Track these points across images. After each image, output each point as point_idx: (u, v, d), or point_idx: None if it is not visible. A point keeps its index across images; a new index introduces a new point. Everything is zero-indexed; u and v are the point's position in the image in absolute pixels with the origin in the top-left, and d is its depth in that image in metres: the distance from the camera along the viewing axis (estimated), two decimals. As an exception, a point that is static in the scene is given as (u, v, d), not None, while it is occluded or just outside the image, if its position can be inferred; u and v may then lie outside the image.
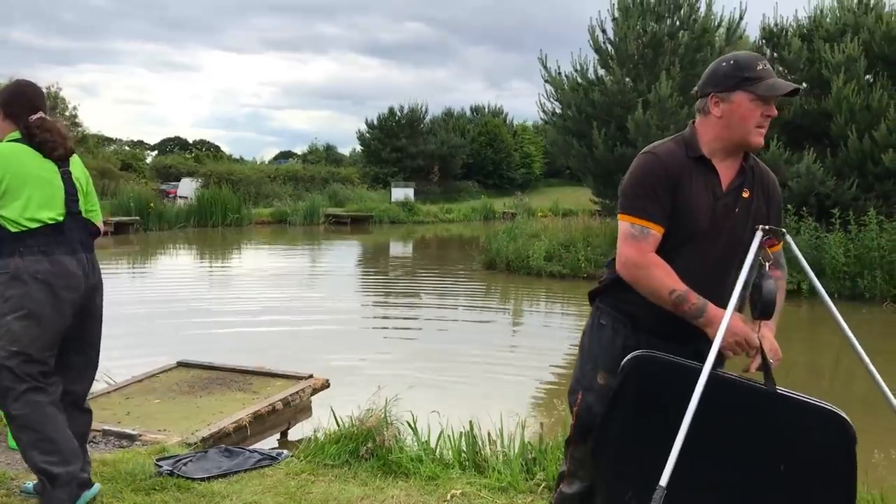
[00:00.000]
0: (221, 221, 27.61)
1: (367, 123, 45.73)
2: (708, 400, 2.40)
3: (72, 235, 3.31)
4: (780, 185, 2.67)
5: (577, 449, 2.73)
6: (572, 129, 17.21)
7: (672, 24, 16.62)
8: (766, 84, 2.38)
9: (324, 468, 4.06)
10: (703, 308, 2.35)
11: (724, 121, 2.45)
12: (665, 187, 2.41)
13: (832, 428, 2.31)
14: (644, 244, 2.40)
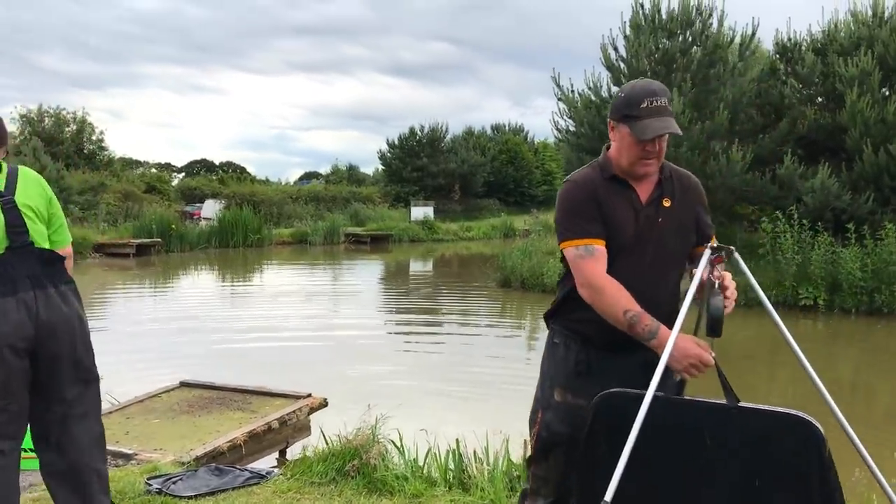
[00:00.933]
0: (242, 242, 27.89)
1: (388, 143, 46.04)
2: (673, 424, 2.46)
3: (13, 272, 2.95)
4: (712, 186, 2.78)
5: (539, 467, 2.77)
6: (585, 146, 17.22)
7: (684, 40, 16.62)
8: (640, 125, 2.43)
9: (310, 486, 4.12)
10: (656, 331, 2.40)
11: (616, 146, 2.56)
12: (591, 206, 2.51)
13: (799, 433, 2.28)
14: (593, 261, 2.47)
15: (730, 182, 15.49)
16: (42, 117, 39.94)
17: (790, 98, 16.39)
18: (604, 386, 2.50)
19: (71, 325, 3.05)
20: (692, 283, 2.49)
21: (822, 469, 2.26)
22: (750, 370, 9.95)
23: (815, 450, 2.25)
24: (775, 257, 14.50)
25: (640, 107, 2.44)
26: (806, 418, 2.28)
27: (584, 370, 2.60)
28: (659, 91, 2.47)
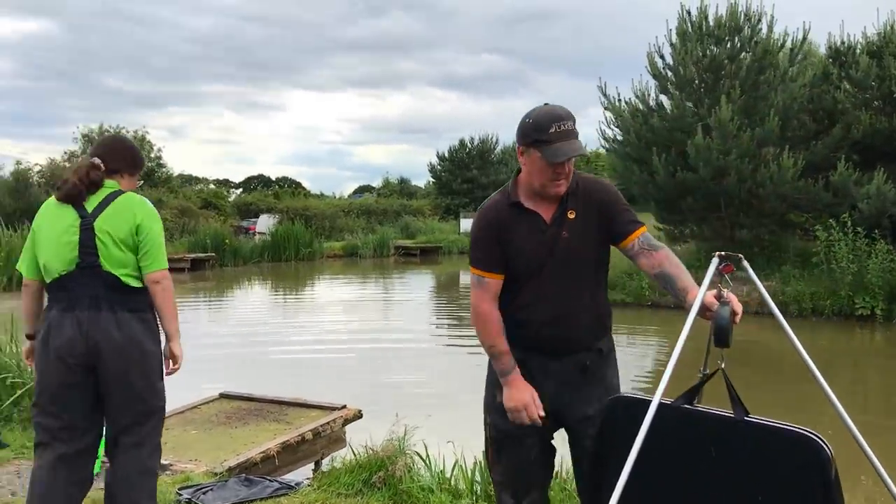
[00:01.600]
0: (294, 256, 28.28)
1: (437, 156, 46.25)
2: (679, 435, 2.44)
3: (77, 291, 3.12)
4: (618, 189, 2.80)
5: (496, 471, 2.87)
6: (632, 155, 17.06)
7: (732, 46, 16.35)
8: (551, 149, 2.53)
9: (337, 497, 4.16)
10: (508, 372, 2.65)
11: (526, 170, 2.65)
12: (492, 239, 2.67)
13: (806, 451, 2.22)
14: (482, 292, 2.68)
15: (781, 190, 15.17)
16: (103, 136, 41.15)
17: (844, 103, 15.98)
18: (540, 385, 2.69)
19: (123, 352, 3.12)
20: (698, 293, 2.46)
21: (825, 489, 2.19)
22: (794, 384, 9.69)
23: (820, 469, 2.19)
24: (829, 266, 14.14)
25: (549, 132, 2.53)
26: (812, 436, 2.22)
27: (522, 371, 2.68)
28: (565, 116, 2.57)
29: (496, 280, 2.66)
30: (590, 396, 2.71)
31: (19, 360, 5.65)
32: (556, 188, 2.61)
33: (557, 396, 2.70)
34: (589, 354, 2.72)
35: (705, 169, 15.22)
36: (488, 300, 2.66)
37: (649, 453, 2.38)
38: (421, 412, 6.01)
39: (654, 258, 2.59)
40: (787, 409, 8.47)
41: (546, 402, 2.68)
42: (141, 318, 3.20)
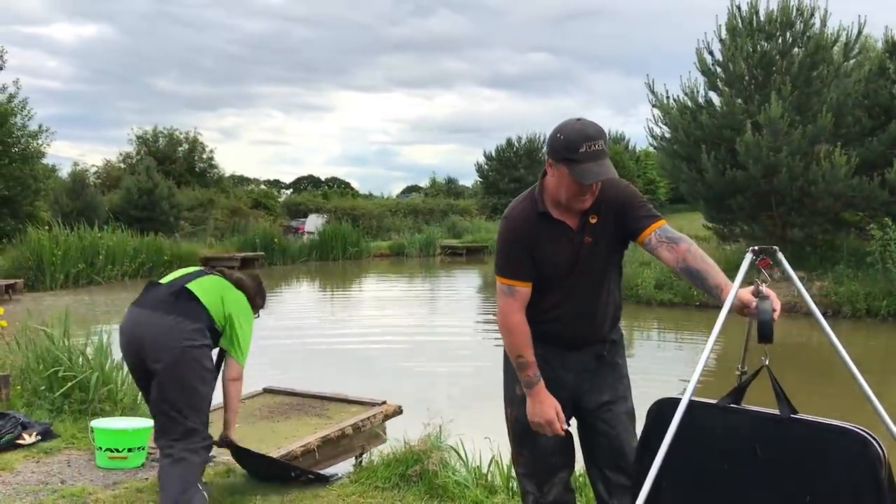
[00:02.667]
0: (342, 255, 28.54)
1: (485, 155, 46.21)
2: (724, 433, 2.41)
3: (157, 294, 3.67)
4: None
5: (520, 465, 2.92)
6: (681, 153, 16.83)
7: (784, 42, 16.03)
8: (580, 169, 2.53)
9: (374, 490, 4.20)
10: (533, 384, 2.68)
11: (555, 182, 2.66)
12: (522, 249, 2.69)
13: (853, 448, 2.17)
14: (512, 301, 2.70)
15: (834, 187, 14.80)
16: (156, 137, 42.09)
17: (901, 98, 15.56)
18: (559, 375, 2.77)
19: (163, 346, 3.47)
20: (732, 288, 2.43)
21: (876, 489, 2.13)
22: (848, 386, 9.46)
23: (870, 468, 2.13)
24: (885, 266, 13.77)
25: (580, 151, 2.52)
26: (862, 434, 2.17)
27: (540, 363, 2.72)
28: (595, 135, 2.55)
29: (526, 289, 2.70)
30: (605, 383, 2.82)
31: (70, 354, 5.82)
32: (582, 204, 2.65)
33: (576, 385, 2.80)
34: (604, 345, 2.83)
35: (755, 167, 14.94)
36: (518, 310, 2.70)
37: (695, 454, 2.41)
38: (459, 407, 6.04)
39: (677, 251, 2.56)
40: (842, 413, 8.26)
41: (565, 391, 2.78)
42: (193, 326, 3.60)
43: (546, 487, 2.86)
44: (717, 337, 2.35)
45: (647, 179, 50.77)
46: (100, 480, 4.34)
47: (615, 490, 2.80)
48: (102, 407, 5.51)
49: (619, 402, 2.83)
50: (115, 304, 16.17)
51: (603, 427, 2.80)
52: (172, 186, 30.65)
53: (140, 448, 4.62)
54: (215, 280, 3.81)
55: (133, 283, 19.77)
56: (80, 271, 18.63)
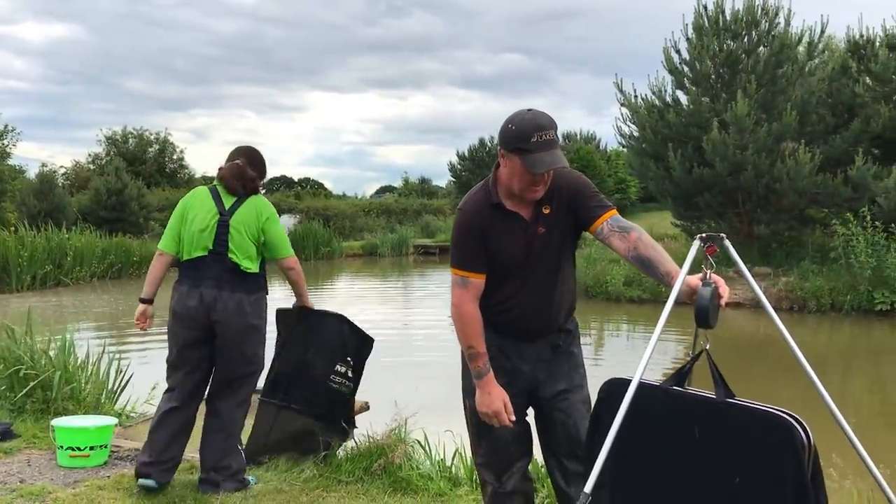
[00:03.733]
0: (314, 255, 28.44)
1: (458, 155, 46.26)
2: (667, 416, 2.46)
3: (204, 271, 3.95)
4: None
5: (479, 455, 2.93)
6: (649, 151, 17.00)
7: (750, 41, 16.25)
8: (531, 158, 2.56)
9: (337, 485, 4.21)
10: (483, 374, 2.71)
11: (507, 173, 2.69)
12: (476, 240, 2.71)
13: (780, 434, 2.22)
14: (465, 292, 2.72)
15: (799, 184, 15.04)
16: (126, 138, 41.68)
17: (863, 96, 15.84)
18: (516, 366, 2.80)
19: (232, 327, 3.94)
20: (680, 275, 2.48)
21: (798, 474, 2.18)
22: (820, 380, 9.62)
23: (793, 453, 2.18)
24: (848, 261, 14.01)
25: (531, 141, 2.55)
26: (788, 420, 2.21)
27: (496, 353, 2.77)
28: (546, 125, 2.58)
29: (479, 280, 2.72)
30: (560, 372, 2.84)
31: (33, 353, 5.76)
32: (534, 194, 2.67)
33: (532, 375, 2.82)
34: (559, 335, 2.86)
35: (722, 164, 15.14)
36: (470, 300, 2.72)
37: (639, 434, 2.45)
38: (426, 402, 6.04)
39: (628, 240, 2.60)
40: (803, 403, 8.41)
41: (521, 381, 2.81)
42: (253, 301, 4.00)
43: (504, 477, 2.88)
44: (665, 322, 2.40)
45: (617, 179, 51.05)
46: (60, 479, 4.30)
47: (572, 478, 2.82)
48: (65, 406, 5.45)
49: (575, 390, 2.86)
50: (83, 306, 16.00)
51: (559, 416, 2.83)
52: (142, 187, 30.36)
53: (102, 446, 4.59)
54: (241, 216, 4.03)
55: (101, 285, 19.57)
56: (48, 273, 18.38)
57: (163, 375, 4.17)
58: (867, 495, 3.58)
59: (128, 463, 4.63)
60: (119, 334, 12.20)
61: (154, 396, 6.08)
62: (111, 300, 17.17)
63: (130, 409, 5.99)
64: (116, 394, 6.10)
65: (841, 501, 3.55)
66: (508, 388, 2.79)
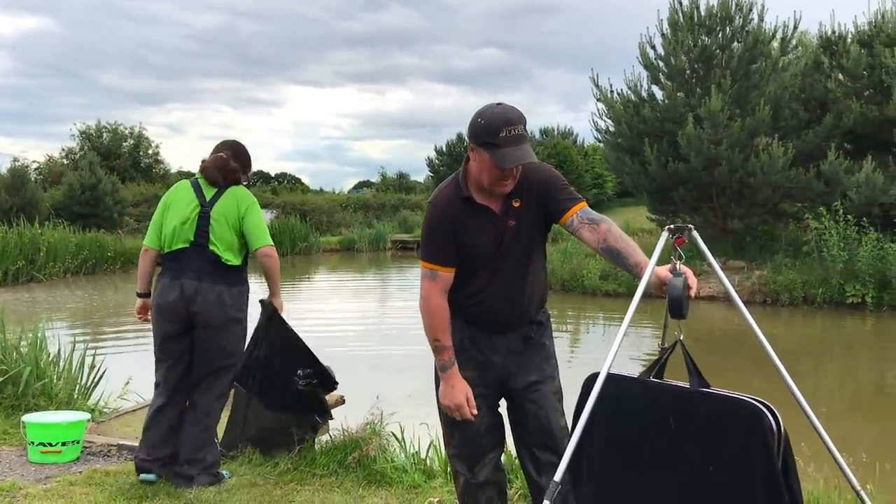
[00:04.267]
0: (290, 250, 28.31)
1: (436, 150, 46.29)
2: (643, 407, 2.49)
3: (185, 263, 3.97)
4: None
5: (450, 445, 2.96)
6: (624, 146, 17.11)
7: (724, 36, 16.39)
8: (500, 153, 2.56)
9: (312, 478, 4.20)
10: (448, 367, 2.73)
11: (477, 167, 2.69)
12: (446, 234, 2.72)
13: (749, 420, 2.25)
14: (434, 285, 2.73)
15: (772, 179, 15.20)
16: (100, 133, 41.25)
17: (835, 92, 16.02)
18: (488, 358, 2.82)
19: (212, 320, 3.94)
20: (649, 265, 2.51)
21: (767, 459, 2.21)
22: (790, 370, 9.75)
23: (761, 438, 2.21)
24: (820, 255, 14.19)
25: (500, 136, 2.55)
26: (758, 406, 2.24)
27: (468, 345, 2.80)
28: (516, 119, 2.58)
29: (448, 274, 2.73)
30: (532, 364, 2.85)
31: (4, 349, 5.70)
32: (503, 188, 2.68)
33: (503, 366, 2.83)
34: (531, 327, 2.86)
35: (696, 159, 15.26)
36: (438, 293, 2.72)
37: (620, 428, 2.50)
38: (402, 396, 6.06)
39: (598, 232, 2.61)
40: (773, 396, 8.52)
41: (493, 373, 2.83)
42: (234, 294, 4.01)
43: (477, 468, 2.90)
44: (635, 312, 2.42)
45: (594, 174, 51.30)
46: (31, 475, 4.27)
47: (544, 469, 2.84)
48: (37, 402, 5.40)
49: (546, 381, 2.87)
50: (56, 301, 15.83)
51: (531, 407, 2.84)
52: (116, 182, 30.06)
53: (74, 442, 4.55)
54: (221, 207, 4.04)
55: (75, 280, 19.37)
56: (20, 268, 18.16)
57: (136, 371, 4.26)
58: (833, 483, 3.64)
59: (100, 459, 4.61)
60: (93, 331, 12.10)
61: (128, 392, 6.06)
62: (85, 296, 17.01)
63: (104, 404, 5.93)
64: (89, 390, 6.04)
65: (807, 488, 3.60)
66: (480, 379, 2.80)
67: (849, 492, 3.03)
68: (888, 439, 4.93)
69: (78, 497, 3.88)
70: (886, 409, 8.15)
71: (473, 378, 2.78)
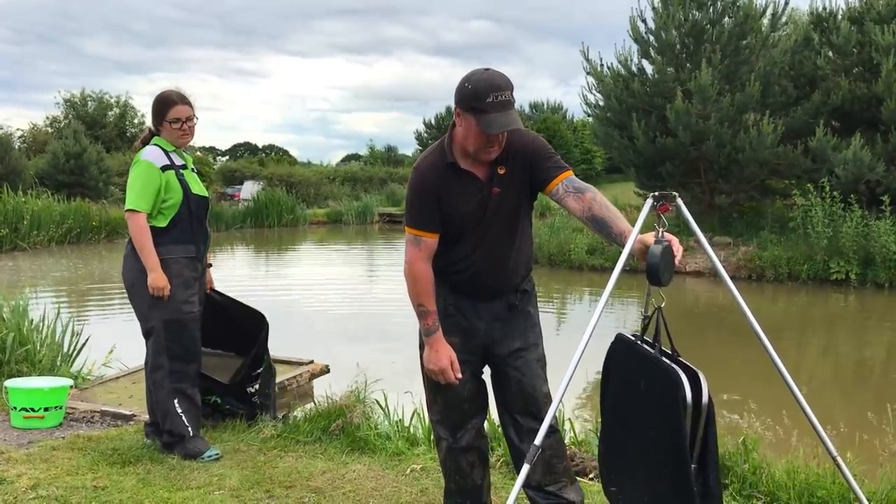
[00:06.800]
0: (277, 222, 28.23)
1: (424, 123, 46.14)
2: (628, 368, 2.57)
3: None
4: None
5: (433, 410, 2.96)
6: (613, 120, 17.07)
7: (714, 11, 16.31)
8: (487, 119, 2.54)
9: (295, 444, 4.21)
10: (432, 332, 2.74)
11: (462, 133, 2.67)
12: (430, 200, 2.70)
13: (674, 387, 2.27)
14: (418, 250, 2.72)
15: (760, 155, 15.22)
16: (85, 102, 40.81)
17: (824, 69, 16.01)
18: (472, 324, 2.82)
19: (124, 281, 4.04)
20: (633, 232, 2.51)
21: (678, 428, 2.25)
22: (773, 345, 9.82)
23: (676, 410, 2.25)
24: (806, 231, 14.25)
25: (486, 101, 2.53)
26: (677, 374, 2.27)
27: (452, 311, 2.80)
28: (503, 85, 2.56)
29: (433, 239, 2.72)
30: (515, 331, 2.85)
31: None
32: (488, 155, 2.66)
33: (487, 333, 2.84)
34: (515, 295, 2.86)
35: (685, 133, 15.25)
36: (423, 259, 2.71)
37: (615, 384, 2.65)
38: (385, 365, 6.08)
39: (583, 200, 2.61)
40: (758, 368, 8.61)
41: (477, 339, 2.83)
42: (127, 252, 3.98)
43: (459, 433, 2.92)
44: (613, 278, 2.42)
45: (583, 149, 51.27)
46: (14, 440, 4.26)
47: (525, 434, 2.86)
48: (20, 368, 5.38)
49: (530, 349, 2.87)
50: (40, 270, 15.74)
51: (514, 374, 2.84)
52: (102, 151, 29.78)
53: (57, 407, 4.54)
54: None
55: (60, 249, 19.25)
56: (4, 237, 18.05)
57: (120, 339, 4.21)
58: (813, 453, 3.68)
59: (83, 424, 4.59)
60: (78, 299, 12.05)
61: (111, 360, 6.05)
62: (69, 265, 16.91)
63: (87, 372, 5.91)
64: (72, 357, 6.02)
65: (789, 458, 3.64)
66: (464, 345, 2.81)
67: (827, 461, 3.07)
68: (867, 411, 5.01)
69: (61, 461, 3.87)
70: (867, 382, 8.24)
71: (457, 344, 2.78)
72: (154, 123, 4.08)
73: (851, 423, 4.49)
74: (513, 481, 3.26)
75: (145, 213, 3.88)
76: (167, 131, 4.04)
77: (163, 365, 3.97)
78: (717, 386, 5.27)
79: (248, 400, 4.62)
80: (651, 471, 2.42)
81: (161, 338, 3.94)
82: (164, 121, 4.01)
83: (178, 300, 3.93)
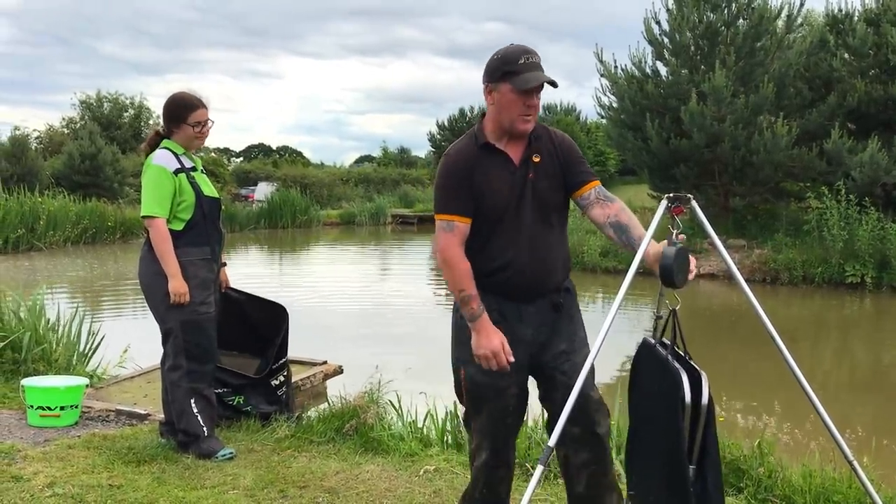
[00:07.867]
0: (291, 223, 28.32)
1: (438, 125, 46.10)
2: (647, 373, 2.64)
3: None
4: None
5: (476, 421, 2.83)
6: (627, 122, 17.03)
7: (729, 13, 16.23)
8: (522, 78, 2.59)
9: (309, 444, 4.22)
10: (477, 316, 2.64)
11: (496, 108, 2.68)
12: (461, 183, 2.68)
13: (675, 387, 2.32)
14: (451, 236, 2.67)
15: (775, 157, 15.13)
16: (101, 103, 41.06)
17: (840, 70, 15.90)
18: (517, 331, 2.72)
19: (140, 283, 4.07)
20: (648, 232, 2.52)
21: (675, 428, 2.29)
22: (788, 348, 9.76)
23: (676, 407, 2.28)
24: (821, 234, 14.16)
25: (519, 62, 2.60)
26: (679, 374, 2.32)
27: (497, 318, 2.69)
28: (532, 51, 2.64)
29: (465, 224, 2.67)
30: (562, 333, 2.78)
31: (3, 314, 5.72)
32: (525, 124, 2.66)
33: (534, 338, 2.75)
34: (559, 294, 2.79)
35: (699, 135, 15.19)
36: (457, 244, 2.66)
37: (639, 388, 2.70)
38: (400, 367, 6.08)
39: (610, 208, 2.69)
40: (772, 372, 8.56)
41: (523, 346, 2.72)
42: (143, 253, 4.02)
43: (501, 447, 2.83)
44: (628, 279, 2.43)
45: (597, 151, 51.15)
46: (30, 438, 4.29)
47: (568, 441, 2.75)
48: (36, 367, 5.42)
49: (577, 352, 2.77)
50: (56, 270, 15.85)
51: (561, 378, 2.73)
52: (117, 152, 29.94)
53: (73, 406, 4.57)
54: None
55: (75, 249, 19.37)
56: (20, 237, 18.17)
57: (135, 339, 4.22)
58: (829, 456, 3.66)
59: (99, 423, 4.62)
60: (93, 299, 12.12)
61: (126, 360, 6.08)
62: (85, 265, 17.02)
63: (102, 371, 5.95)
64: (88, 356, 6.06)
65: (805, 462, 3.63)
66: None
67: (844, 465, 3.05)
68: (885, 416, 4.96)
69: (76, 460, 3.90)
70: (884, 387, 8.17)
71: None
72: (168, 125, 4.09)
73: (868, 428, 4.47)
74: (526, 483, 3.25)
75: (164, 219, 3.91)
76: (184, 134, 4.04)
77: (181, 365, 3.99)
78: (732, 389, 5.27)
79: (275, 394, 4.62)
80: (659, 472, 2.43)
81: (179, 339, 3.97)
82: (184, 123, 4.02)
83: (195, 301, 3.95)
